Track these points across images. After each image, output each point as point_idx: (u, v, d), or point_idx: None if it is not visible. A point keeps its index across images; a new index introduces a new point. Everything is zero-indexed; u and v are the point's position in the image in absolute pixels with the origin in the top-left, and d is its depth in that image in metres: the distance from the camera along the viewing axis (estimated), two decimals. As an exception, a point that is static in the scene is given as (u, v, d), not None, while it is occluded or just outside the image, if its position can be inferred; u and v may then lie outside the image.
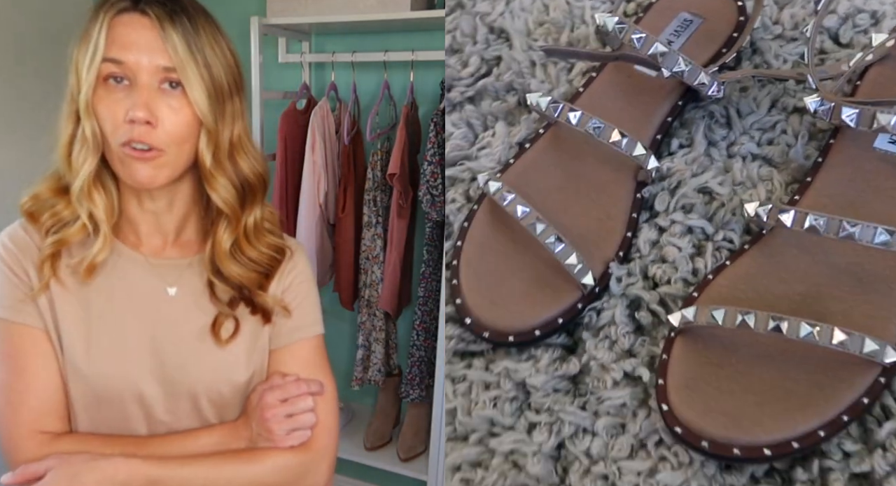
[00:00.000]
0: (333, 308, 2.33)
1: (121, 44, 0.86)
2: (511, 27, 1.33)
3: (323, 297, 2.26)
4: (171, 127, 0.87)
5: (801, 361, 0.93)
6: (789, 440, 0.89)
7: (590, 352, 1.03)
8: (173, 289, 0.97)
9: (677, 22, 1.20)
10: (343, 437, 2.23)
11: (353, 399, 2.47)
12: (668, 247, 1.07)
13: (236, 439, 0.97)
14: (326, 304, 2.35)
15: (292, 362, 1.03)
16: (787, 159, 1.10)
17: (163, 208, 0.96)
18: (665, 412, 0.94)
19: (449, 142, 1.24)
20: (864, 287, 0.96)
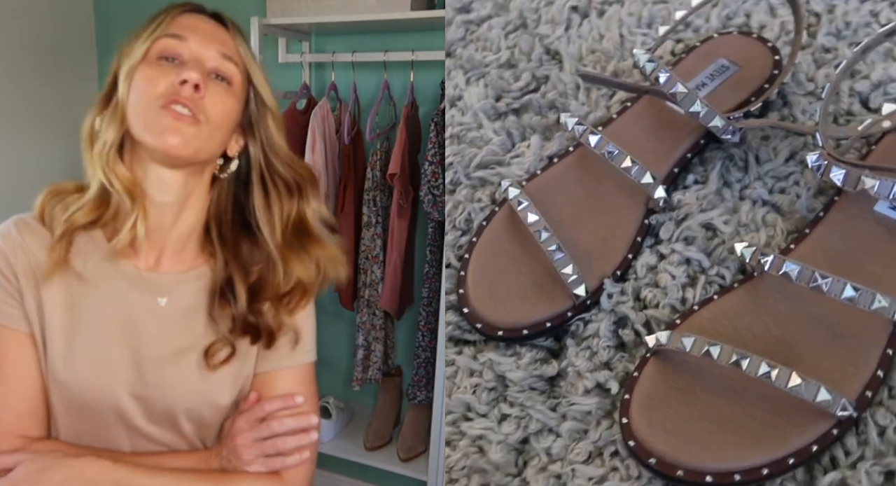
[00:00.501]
0: (333, 308, 2.26)
1: (185, 26, 0.86)
2: (565, 51, 1.34)
3: (323, 297, 2.20)
4: (214, 106, 0.85)
5: (761, 399, 0.93)
6: (733, 472, 0.90)
7: (570, 358, 1.05)
8: (164, 299, 0.91)
9: (714, 67, 1.21)
10: (343, 437, 2.20)
11: (353, 399, 2.38)
12: (663, 273, 1.08)
13: (208, 464, 0.92)
14: (326, 304, 2.30)
15: (274, 389, 0.95)
16: (794, 209, 1.09)
17: (170, 209, 0.90)
18: (624, 425, 0.95)
19: (487, 147, 1.26)
20: (836, 341, 0.96)
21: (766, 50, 1.21)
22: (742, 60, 1.20)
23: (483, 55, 1.38)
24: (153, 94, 0.82)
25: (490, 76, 1.34)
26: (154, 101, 0.82)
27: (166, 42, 0.85)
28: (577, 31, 1.37)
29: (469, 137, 1.29)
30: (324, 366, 2.30)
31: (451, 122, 1.32)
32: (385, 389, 2.19)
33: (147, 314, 0.90)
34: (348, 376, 2.21)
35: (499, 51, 1.38)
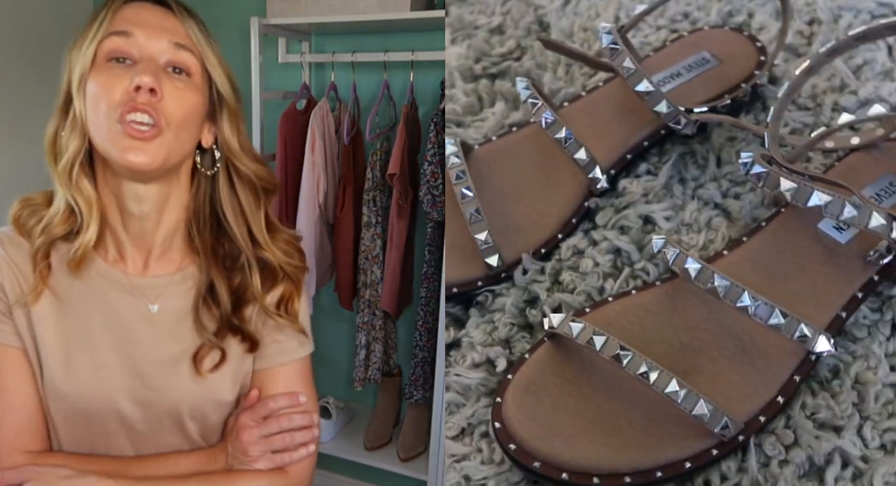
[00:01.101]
0: (333, 308, 2.13)
1: (129, 20, 0.75)
2: (555, 24, 1.23)
3: (323, 297, 2.15)
4: (175, 106, 0.74)
5: (645, 405, 0.81)
6: (592, 474, 0.78)
7: (468, 329, 0.95)
8: (155, 306, 0.82)
9: (695, 58, 1.07)
10: (343, 437, 2.09)
11: (353, 399, 2.24)
12: (588, 259, 0.96)
13: (214, 463, 0.84)
14: (326, 303, 2.17)
15: (273, 386, 0.86)
16: (741, 216, 0.97)
17: (149, 214, 0.80)
18: (496, 405, 0.84)
19: (451, 105, 1.16)
20: (743, 357, 0.83)
21: (754, 49, 1.07)
22: (725, 56, 1.07)
23: (475, 18, 1.27)
24: (109, 103, 0.72)
25: (476, 39, 1.23)
26: (111, 112, 0.72)
27: (112, 41, 0.73)
28: (573, 7, 1.25)
29: (440, 95, 1.19)
30: (324, 366, 2.21)
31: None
32: (385, 389, 2.08)
33: (140, 321, 0.82)
34: (348, 376, 2.09)
35: (492, 15, 1.27)
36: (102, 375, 0.80)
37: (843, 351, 0.85)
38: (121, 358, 0.81)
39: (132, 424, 0.82)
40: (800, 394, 0.83)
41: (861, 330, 0.87)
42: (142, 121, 0.71)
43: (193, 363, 0.82)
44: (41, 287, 0.79)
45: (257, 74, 1.87)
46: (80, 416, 0.81)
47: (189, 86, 0.76)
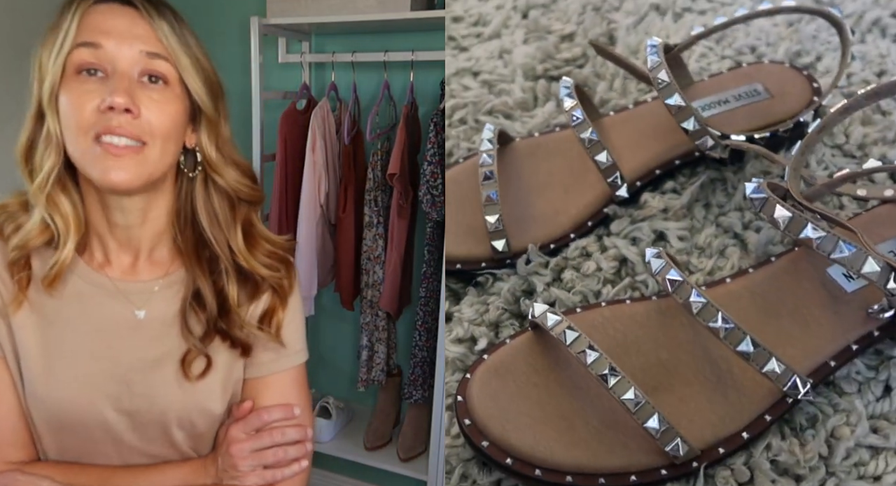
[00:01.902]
0: (334, 308, 1.98)
1: (97, 29, 0.64)
2: (623, 39, 1.16)
3: (324, 297, 2.02)
4: (156, 120, 0.65)
5: (606, 411, 0.74)
6: (535, 465, 0.72)
7: (462, 305, 0.90)
8: (142, 312, 0.73)
9: (746, 88, 0.98)
10: (343, 437, 1.95)
11: (352, 399, 2.08)
12: (591, 262, 0.90)
13: (203, 475, 0.75)
14: (327, 304, 2.02)
15: (266, 395, 0.77)
16: (756, 249, 0.88)
17: (134, 222, 0.71)
18: (463, 380, 0.79)
19: (506, 98, 1.11)
20: (716, 385, 0.75)
21: (809, 89, 0.97)
22: (777, 91, 0.97)
23: (550, 23, 1.21)
24: (83, 122, 0.63)
25: (546, 42, 1.17)
26: (86, 132, 0.63)
27: (81, 54, 0.63)
28: (645, 26, 1.18)
29: (498, 87, 1.14)
30: (325, 366, 2.09)
31: (490, 69, 1.17)
32: (385, 389, 1.94)
33: (126, 327, 0.73)
34: (349, 376, 1.98)
35: (566, 23, 1.21)
36: (86, 383, 0.71)
37: (824, 401, 0.76)
38: (106, 365, 0.72)
39: (118, 433, 0.73)
40: (767, 435, 0.74)
41: (850, 385, 0.78)
42: (120, 144, 0.63)
43: (181, 369, 0.73)
44: (22, 297, 0.70)
45: (257, 74, 1.75)
46: (65, 425, 0.72)
47: (167, 96, 0.66)
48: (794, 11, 0.93)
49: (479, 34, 1.25)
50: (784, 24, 1.12)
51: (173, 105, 0.67)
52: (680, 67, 1.00)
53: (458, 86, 1.16)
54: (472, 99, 1.12)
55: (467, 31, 1.25)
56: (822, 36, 1.08)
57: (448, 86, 1.16)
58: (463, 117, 1.10)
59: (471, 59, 1.19)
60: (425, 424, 1.83)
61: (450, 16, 1.27)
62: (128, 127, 0.63)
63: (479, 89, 1.14)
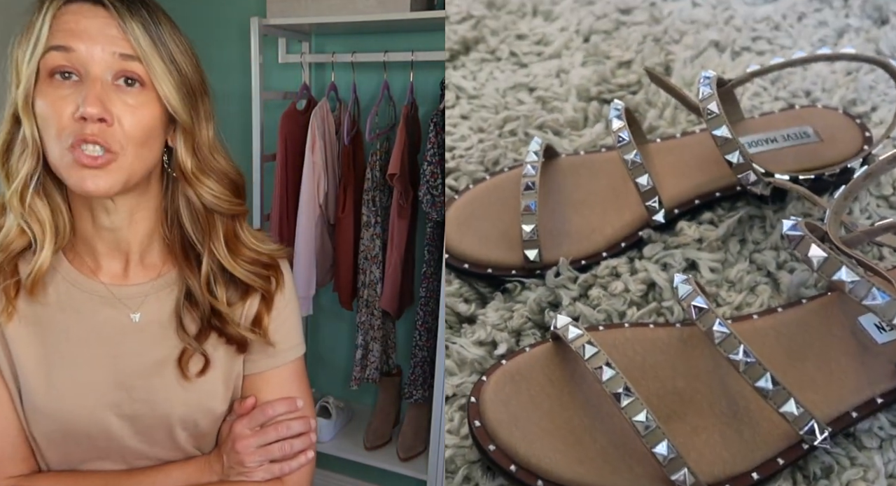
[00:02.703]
0: (333, 308, 1.87)
1: (69, 31, 0.58)
2: (679, 71, 1.09)
3: (323, 296, 1.91)
4: (130, 127, 0.59)
5: (616, 431, 0.68)
6: (538, 476, 0.67)
7: (487, 309, 0.84)
8: (137, 315, 0.68)
9: (797, 130, 0.91)
10: (343, 437, 1.84)
11: (352, 399, 1.96)
12: (619, 283, 0.84)
13: (208, 473, 0.71)
14: (326, 303, 1.92)
15: (267, 390, 0.72)
16: (788, 289, 0.81)
17: (121, 224, 0.65)
18: (478, 382, 0.74)
19: (557, 116, 1.06)
20: (731, 421, 0.69)
21: (861, 137, 0.89)
22: (827, 136, 0.90)
23: (610, 49, 1.16)
24: (57, 128, 0.58)
25: (603, 66, 1.12)
26: (61, 139, 0.58)
27: (53, 58, 0.58)
28: (702, 61, 1.11)
29: (552, 104, 1.08)
30: (323, 366, 2.00)
31: (546, 86, 1.12)
32: (385, 388, 1.85)
33: (122, 332, 0.68)
34: (348, 375, 1.82)
35: (626, 50, 1.15)
36: (86, 391, 0.66)
37: (841, 453, 0.69)
38: (105, 372, 0.67)
39: (122, 439, 0.68)
40: (779, 478, 0.67)
41: (872, 440, 0.70)
42: (93, 153, 0.58)
43: (179, 368, 0.68)
44: (11, 307, 0.64)
45: (257, 74, 1.66)
46: (68, 435, 0.67)
47: (143, 100, 0.60)
48: (853, 59, 0.85)
49: (539, 53, 1.20)
50: (843, 72, 1.04)
51: (149, 109, 0.60)
52: (732, 103, 0.94)
53: (513, 99, 1.11)
54: (525, 113, 1.06)
55: (529, 48, 1.20)
56: (880, 87, 1.00)
57: (503, 97, 1.11)
58: (513, 129, 1.05)
59: (528, 75, 1.14)
60: (425, 423, 1.73)
61: (514, 33, 1.22)
62: (101, 136, 0.57)
63: (533, 104, 1.09)
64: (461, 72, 1.17)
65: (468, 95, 1.12)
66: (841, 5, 1.17)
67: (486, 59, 1.20)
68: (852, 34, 1.10)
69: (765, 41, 1.13)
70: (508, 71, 1.17)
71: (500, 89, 1.13)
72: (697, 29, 1.17)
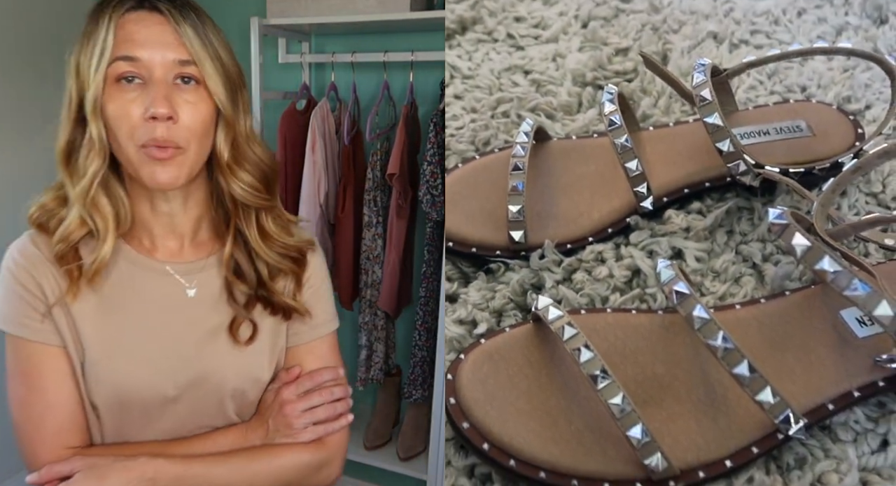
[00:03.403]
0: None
1: (132, 41, 0.65)
2: (675, 61, 1.08)
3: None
4: (191, 122, 0.66)
5: (592, 415, 0.68)
6: (511, 455, 0.67)
7: (469, 288, 0.84)
8: (192, 290, 0.75)
9: (790, 123, 0.91)
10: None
11: (352, 399, 1.93)
12: (604, 268, 0.84)
13: (252, 437, 0.76)
14: None
15: (310, 360, 0.79)
16: (772, 281, 0.81)
17: (177, 209, 0.73)
18: (456, 360, 0.74)
19: (550, 99, 1.05)
20: (709, 409, 0.69)
21: (853, 133, 0.89)
22: (820, 131, 0.90)
23: (608, 36, 1.15)
24: (128, 129, 0.65)
25: (601, 53, 1.11)
26: (132, 138, 0.65)
27: (120, 66, 0.65)
28: (699, 51, 1.11)
29: (546, 87, 1.08)
30: None
31: (542, 70, 1.11)
32: (385, 388, 1.85)
33: (178, 306, 0.74)
34: (349, 375, 1.82)
35: (624, 38, 1.15)
36: (145, 363, 0.72)
37: (815, 445, 0.69)
38: (163, 344, 0.73)
39: (175, 408, 0.73)
40: (752, 467, 0.67)
41: (847, 433, 0.70)
42: (163, 155, 0.66)
43: (230, 334, 0.74)
44: (75, 287, 0.70)
45: (257, 74, 1.66)
46: (124, 404, 0.72)
47: (200, 96, 0.67)
48: (850, 54, 0.85)
49: (537, 36, 1.19)
50: (839, 69, 1.04)
51: (204, 104, 0.68)
52: (726, 93, 0.94)
53: (508, 81, 1.10)
54: (519, 95, 1.06)
55: (526, 31, 1.20)
56: (876, 86, 1.00)
57: (497, 79, 1.11)
58: (506, 111, 1.05)
59: (524, 58, 1.14)
60: (425, 423, 1.74)
61: (512, 16, 1.22)
62: (169, 134, 0.65)
63: (528, 87, 1.08)
64: (457, 51, 1.16)
65: (462, 75, 1.12)
66: (841, 3, 1.17)
67: (483, 40, 1.20)
68: (851, 32, 1.11)
69: (763, 35, 1.13)
70: (504, 53, 1.16)
71: (494, 70, 1.12)
72: (696, 20, 1.17)
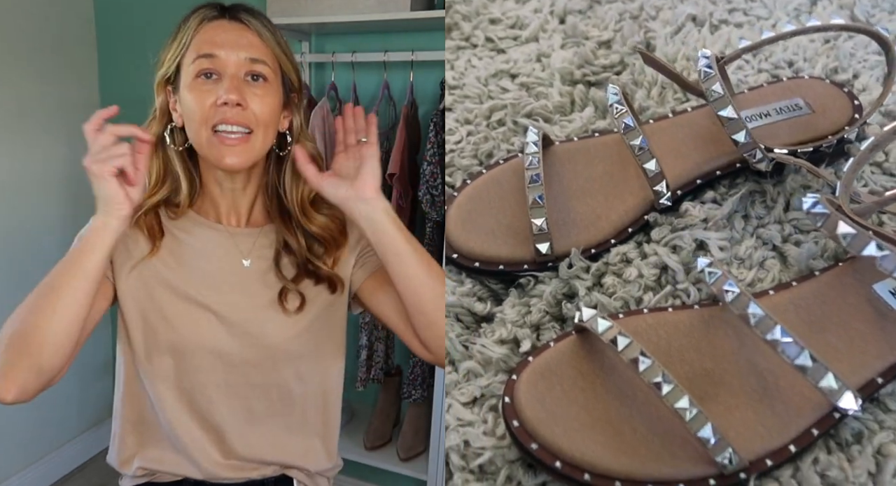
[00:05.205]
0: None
1: (212, 42, 0.79)
2: (661, 48, 1.13)
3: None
4: (259, 110, 0.80)
5: (654, 419, 0.72)
6: (584, 470, 0.70)
7: (504, 306, 0.87)
8: (248, 261, 0.88)
9: (788, 102, 0.96)
10: (343, 436, 1.78)
11: (353, 399, 2.02)
12: (633, 269, 0.87)
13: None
14: None
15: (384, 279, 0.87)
16: (797, 262, 0.86)
17: (239, 189, 0.88)
18: (509, 381, 0.77)
19: (545, 102, 1.09)
20: (763, 397, 0.73)
21: (850, 105, 0.95)
22: (818, 106, 0.95)
23: (589, 29, 1.19)
24: (204, 117, 0.79)
25: (584, 48, 1.15)
26: (206, 124, 0.79)
27: (200, 63, 0.79)
28: (682, 37, 1.15)
29: (537, 90, 1.11)
30: None
31: (528, 72, 1.14)
32: (385, 388, 1.90)
33: (235, 274, 0.88)
34: (349, 375, 1.76)
35: (604, 29, 1.19)
36: (203, 323, 0.85)
37: (869, 418, 0.74)
38: (220, 308, 0.85)
39: (225, 364, 0.86)
40: (814, 448, 0.72)
41: None
42: (232, 130, 0.79)
43: (280, 304, 0.87)
44: (158, 243, 0.85)
45: None
46: (179, 362, 0.85)
47: (267, 91, 0.81)
48: (843, 29, 0.91)
49: (516, 37, 1.22)
50: (821, 40, 1.10)
51: (272, 97, 0.82)
52: (725, 80, 0.98)
53: (496, 87, 1.13)
54: (511, 101, 1.09)
55: (504, 33, 1.22)
56: (860, 54, 1.06)
57: (485, 86, 1.13)
58: (501, 119, 1.07)
59: (508, 62, 1.17)
60: (425, 423, 1.78)
61: (487, 18, 1.24)
62: (238, 117, 0.78)
63: (518, 91, 1.11)
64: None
65: (449, 86, 1.14)
66: (811, -28, 1.23)
67: (462, 47, 1.22)
68: (826, 2, 1.16)
69: (741, 13, 1.18)
70: (486, 58, 1.19)
71: (481, 78, 1.15)
72: (673, 3, 1.21)
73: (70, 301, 0.74)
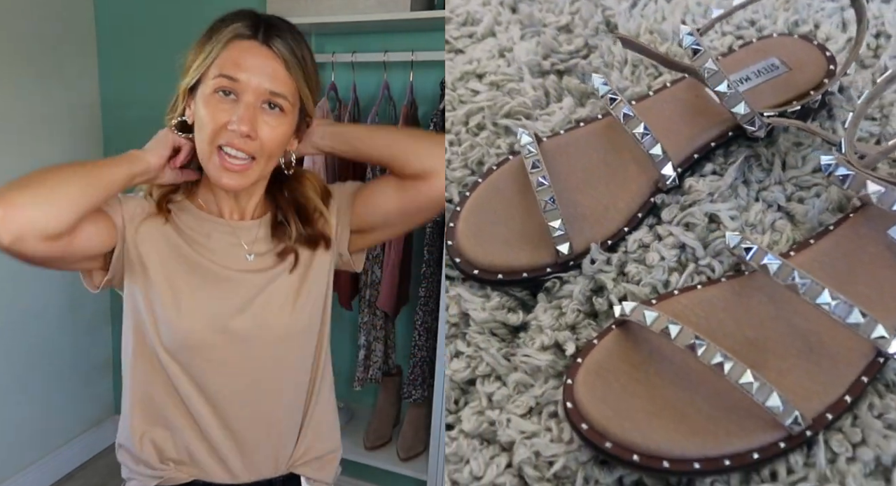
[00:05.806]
0: (333, 308, 1.85)
1: (237, 64, 0.83)
2: (623, 25, 1.17)
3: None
4: (268, 140, 0.85)
5: (712, 395, 0.77)
6: (662, 458, 0.74)
7: (536, 312, 0.90)
8: (251, 256, 0.94)
9: (764, 64, 1.02)
10: (343, 437, 1.70)
11: (353, 399, 2.08)
12: (654, 253, 0.91)
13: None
14: None
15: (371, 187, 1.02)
16: (806, 220, 0.91)
17: (243, 193, 0.94)
18: (567, 386, 0.80)
19: (521, 98, 1.11)
20: (811, 356, 0.79)
21: (823, 58, 1.01)
22: (794, 63, 1.01)
23: (544, 16, 1.22)
24: (211, 131, 0.83)
25: (545, 36, 1.18)
26: (212, 140, 0.84)
27: (221, 81, 0.83)
28: (640, 10, 1.20)
29: (508, 87, 1.14)
30: None
31: (494, 69, 1.16)
32: (385, 388, 1.95)
33: (239, 268, 0.93)
34: (349, 375, 1.95)
35: (560, 14, 1.22)
36: (207, 315, 0.90)
37: (908, 356, 0.81)
38: (224, 300, 0.91)
39: (230, 353, 0.91)
40: (867, 395, 0.78)
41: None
42: (236, 155, 0.84)
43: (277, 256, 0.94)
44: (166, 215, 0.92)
45: None
46: (189, 347, 0.90)
47: (280, 121, 0.86)
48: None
49: (471, 34, 1.24)
50: (775, -6, 1.15)
51: (284, 127, 0.87)
52: (698, 51, 1.02)
53: (466, 90, 1.15)
54: (486, 103, 1.11)
55: (459, 32, 1.24)
56: (815, 3, 1.12)
57: (454, 91, 1.15)
58: (480, 123, 1.10)
59: (472, 62, 1.19)
60: (425, 423, 1.83)
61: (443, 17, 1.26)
62: (244, 145, 0.84)
63: (489, 92, 1.13)
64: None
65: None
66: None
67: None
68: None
69: (692, -21, 1.22)
70: (447, 60, 1.20)
71: (447, 83, 1.16)
72: (620, -22, 1.25)
73: (83, 173, 0.82)
